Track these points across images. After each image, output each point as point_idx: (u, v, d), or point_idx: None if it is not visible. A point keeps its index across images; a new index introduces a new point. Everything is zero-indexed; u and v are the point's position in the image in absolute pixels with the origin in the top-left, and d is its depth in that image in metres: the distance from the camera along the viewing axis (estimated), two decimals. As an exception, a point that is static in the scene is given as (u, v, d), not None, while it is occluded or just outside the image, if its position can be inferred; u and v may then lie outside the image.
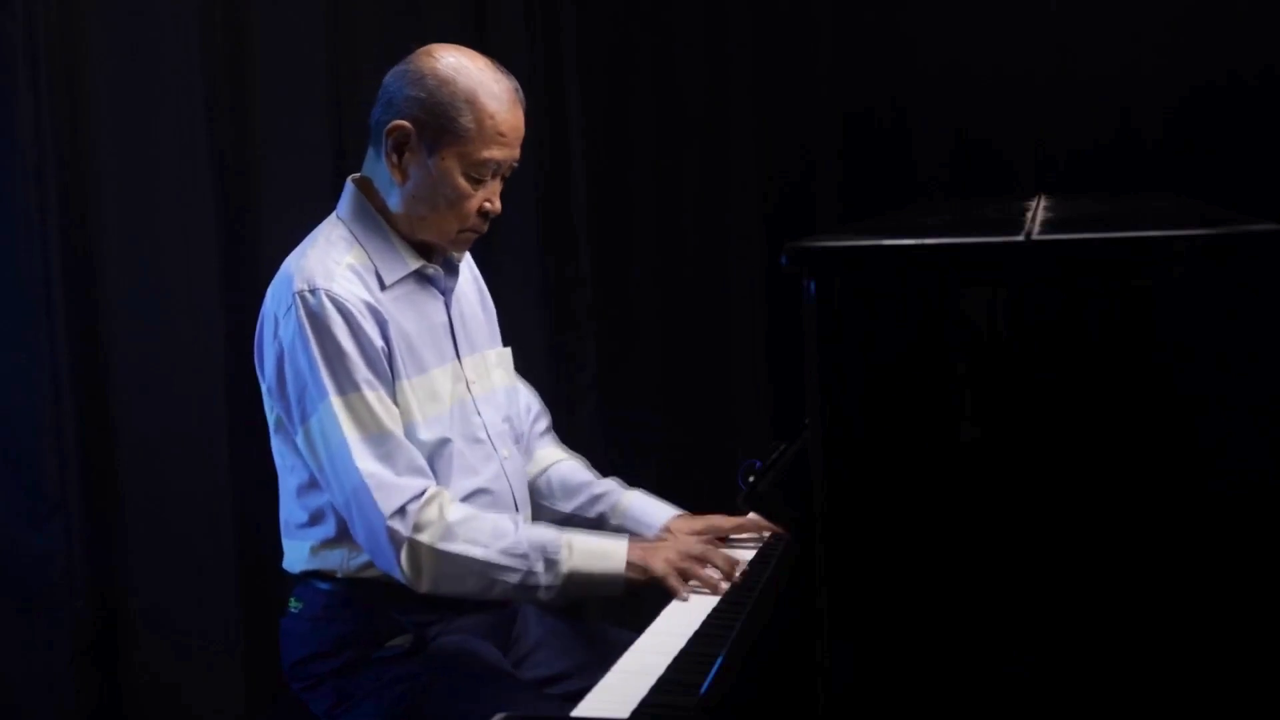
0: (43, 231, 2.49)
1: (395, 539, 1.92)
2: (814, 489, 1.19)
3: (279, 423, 2.03)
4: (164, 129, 2.70)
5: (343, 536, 2.01)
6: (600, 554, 1.98)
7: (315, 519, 2.03)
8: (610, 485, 2.30)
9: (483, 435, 2.09)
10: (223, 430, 2.74)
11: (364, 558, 2.00)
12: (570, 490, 2.29)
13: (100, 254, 2.63)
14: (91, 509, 2.59)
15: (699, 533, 2.18)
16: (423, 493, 1.94)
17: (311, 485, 2.02)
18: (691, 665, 1.70)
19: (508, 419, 2.17)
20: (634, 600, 2.05)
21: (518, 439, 2.21)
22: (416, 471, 1.96)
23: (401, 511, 1.92)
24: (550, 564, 1.95)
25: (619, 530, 2.22)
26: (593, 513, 2.26)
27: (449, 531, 1.93)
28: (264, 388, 2.04)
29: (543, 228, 3.52)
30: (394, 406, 1.98)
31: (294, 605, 2.08)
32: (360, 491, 1.92)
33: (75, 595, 2.55)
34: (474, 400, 2.09)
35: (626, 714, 1.56)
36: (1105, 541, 1.13)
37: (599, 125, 3.65)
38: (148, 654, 2.69)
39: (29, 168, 2.47)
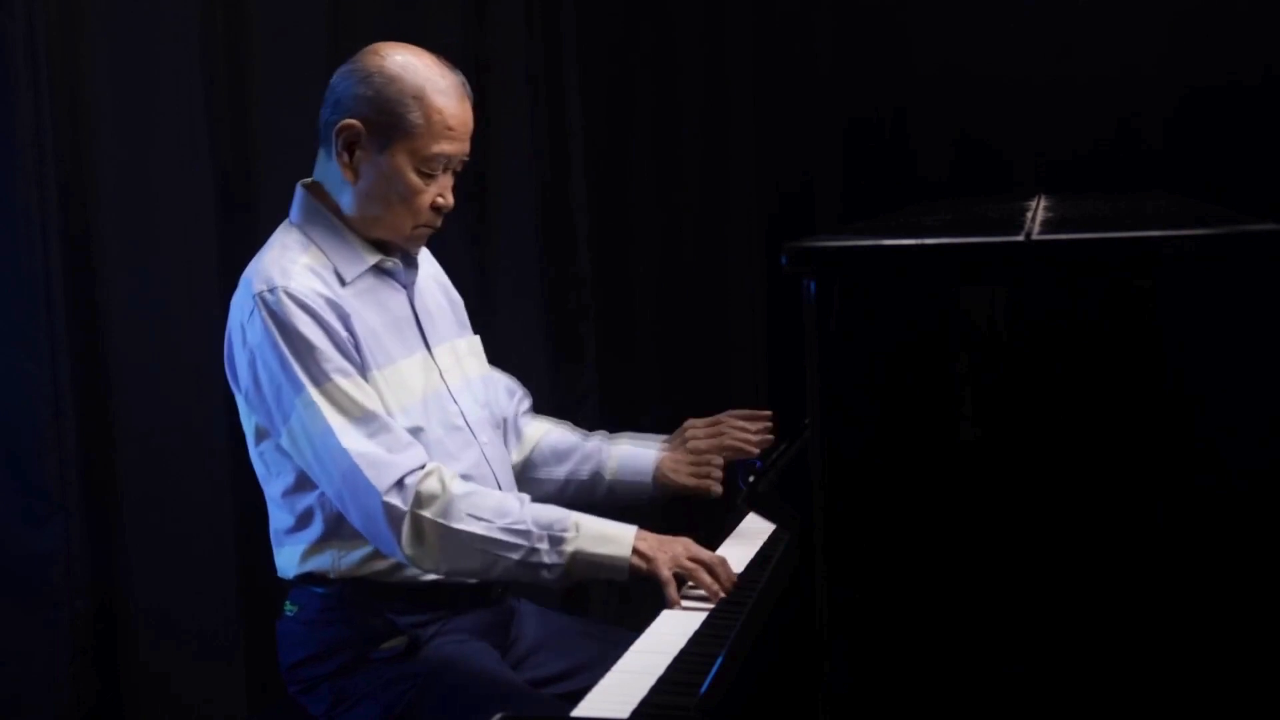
0: (43, 231, 2.48)
1: (394, 515, 1.90)
2: (814, 489, 1.19)
3: (259, 431, 2.03)
4: (164, 129, 2.70)
5: (331, 536, 2.01)
6: (607, 538, 1.96)
7: (302, 522, 2.02)
8: (597, 443, 2.32)
9: (460, 423, 2.08)
10: (223, 430, 2.74)
11: (355, 555, 2.00)
12: (561, 455, 2.31)
13: (100, 254, 2.63)
14: (91, 509, 2.59)
15: (679, 450, 2.28)
16: (421, 466, 1.94)
17: (297, 488, 2.01)
18: (691, 665, 1.70)
19: (486, 405, 2.17)
20: (634, 600, 2.05)
21: (497, 425, 2.21)
22: (408, 446, 1.95)
23: (399, 485, 1.91)
24: (555, 542, 1.93)
25: (616, 486, 2.28)
26: (585, 473, 2.29)
27: (452, 505, 1.92)
28: (240, 399, 2.04)
29: (543, 228, 3.52)
30: (370, 389, 1.97)
31: (289, 609, 2.08)
32: (352, 473, 1.91)
33: (75, 595, 2.54)
34: (449, 389, 2.09)
35: (626, 714, 1.56)
36: (1105, 542, 1.13)
37: (599, 125, 3.65)
38: (148, 654, 2.68)
39: (29, 168, 2.47)
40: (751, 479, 2.28)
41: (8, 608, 2.50)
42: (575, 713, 1.60)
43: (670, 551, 1.97)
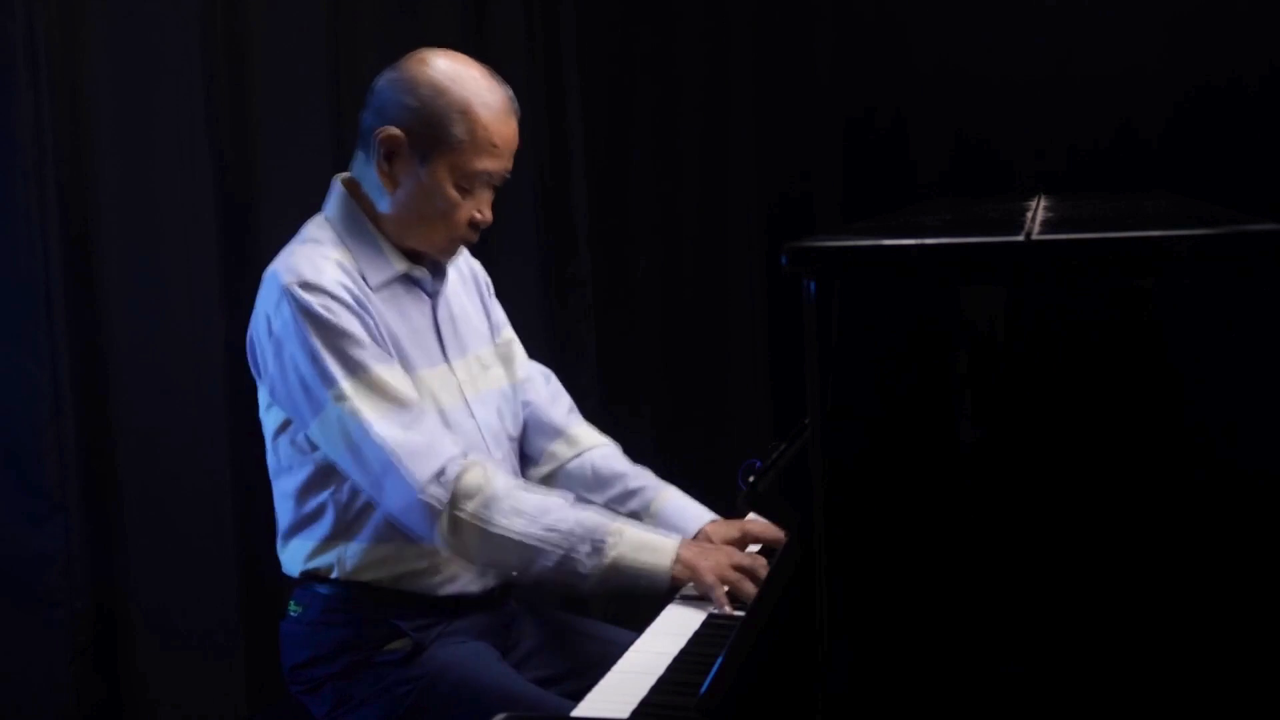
0: (43, 231, 2.48)
1: (431, 509, 1.89)
2: (814, 489, 1.19)
3: (281, 425, 2.02)
4: (164, 129, 2.70)
5: (339, 535, 2.00)
6: (650, 547, 1.93)
7: (312, 518, 2.02)
8: (645, 480, 2.25)
9: (477, 438, 2.07)
10: (223, 430, 2.74)
11: (361, 556, 2.00)
12: (604, 481, 2.24)
13: (100, 254, 2.62)
14: (91, 509, 2.59)
15: (735, 540, 2.12)
16: (459, 457, 1.92)
17: (312, 484, 2.01)
18: (691, 665, 1.70)
19: (502, 419, 2.16)
20: (634, 600, 2.04)
21: (514, 438, 2.20)
22: (446, 435, 1.94)
23: (438, 477, 1.89)
24: (596, 548, 1.90)
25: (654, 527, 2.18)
26: (625, 509, 2.21)
27: (493, 502, 1.90)
28: (262, 390, 2.04)
29: (543, 228, 3.52)
30: (406, 376, 1.96)
31: (293, 609, 2.07)
32: (390, 465, 1.89)
33: (75, 595, 2.54)
34: (467, 402, 2.08)
35: (626, 714, 1.56)
36: (1105, 542, 1.13)
37: (599, 125, 3.65)
38: (148, 654, 2.68)
39: (29, 168, 2.46)
40: (751, 479, 2.28)
41: (8, 608, 2.50)
42: (575, 713, 1.60)
43: (713, 559, 1.94)
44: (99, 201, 2.62)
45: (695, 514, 2.20)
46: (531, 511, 1.92)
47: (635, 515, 2.20)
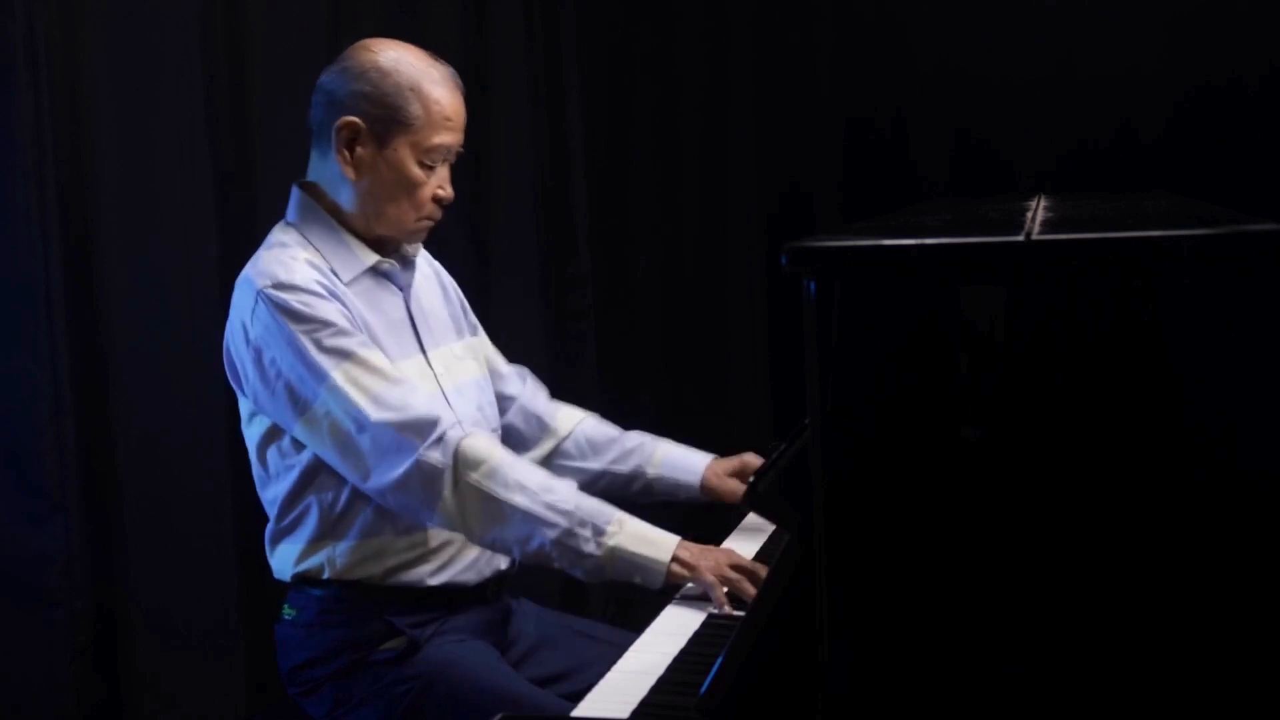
0: (43, 231, 2.49)
1: (432, 472, 1.89)
2: (814, 489, 1.18)
3: (267, 435, 2.01)
4: (164, 129, 2.70)
5: (326, 535, 2.00)
6: (649, 541, 1.93)
7: (298, 521, 2.02)
8: (640, 438, 2.32)
9: None
10: (222, 430, 2.74)
11: (351, 554, 2.00)
12: (598, 447, 2.31)
13: (100, 254, 2.63)
14: (91, 509, 2.59)
15: (734, 472, 2.25)
16: (458, 424, 1.94)
17: (298, 488, 2.00)
18: (691, 665, 1.70)
19: (481, 410, 2.17)
20: (634, 600, 2.04)
21: (495, 429, 2.20)
22: (442, 409, 1.96)
23: (439, 441, 1.90)
24: (597, 532, 1.90)
25: (656, 483, 2.28)
26: (626, 467, 2.28)
27: (496, 472, 1.91)
28: (244, 400, 2.03)
29: (543, 228, 3.52)
30: (388, 361, 1.97)
31: (288, 612, 2.07)
32: (391, 441, 1.90)
33: (75, 595, 2.54)
34: (444, 393, 2.09)
35: (626, 714, 1.56)
36: (1105, 542, 1.13)
37: (599, 125, 3.65)
38: (148, 654, 2.68)
39: (29, 168, 2.47)
40: (751, 479, 2.28)
41: (8, 608, 2.50)
42: (575, 713, 1.60)
43: (713, 559, 1.94)
44: (99, 201, 2.62)
45: (696, 460, 2.31)
46: (535, 487, 1.92)
47: (637, 472, 2.29)
